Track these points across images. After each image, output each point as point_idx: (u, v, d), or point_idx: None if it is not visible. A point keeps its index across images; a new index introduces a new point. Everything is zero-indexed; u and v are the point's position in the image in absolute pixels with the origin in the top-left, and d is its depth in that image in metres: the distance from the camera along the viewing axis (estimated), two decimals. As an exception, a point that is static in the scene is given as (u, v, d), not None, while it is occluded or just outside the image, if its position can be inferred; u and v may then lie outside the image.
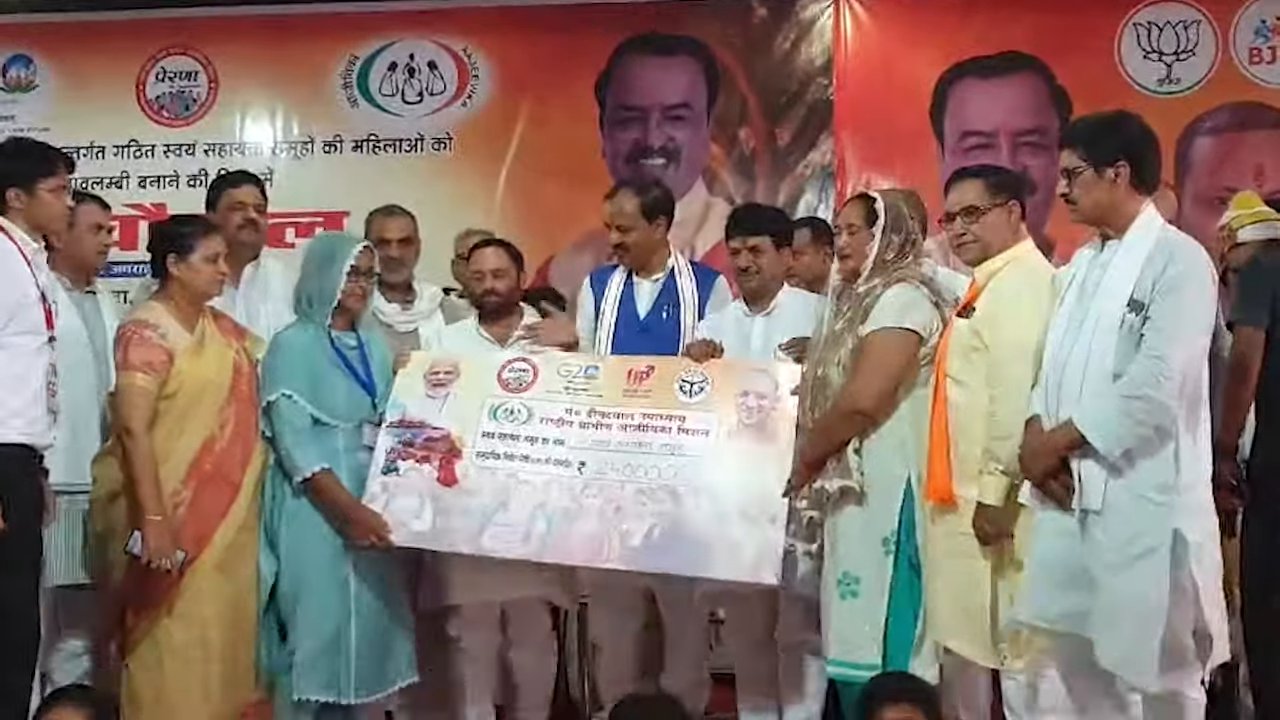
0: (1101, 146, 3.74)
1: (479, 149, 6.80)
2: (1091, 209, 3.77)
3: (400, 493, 4.41)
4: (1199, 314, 3.64)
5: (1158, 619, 3.55)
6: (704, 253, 6.57)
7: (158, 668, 4.24)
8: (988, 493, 3.89)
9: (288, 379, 4.38)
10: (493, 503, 4.38)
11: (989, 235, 4.06)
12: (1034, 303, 3.93)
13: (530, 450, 4.45)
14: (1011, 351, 3.90)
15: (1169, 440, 3.61)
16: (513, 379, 4.58)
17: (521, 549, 4.33)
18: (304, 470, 4.32)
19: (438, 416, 4.53)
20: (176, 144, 6.92)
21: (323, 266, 4.49)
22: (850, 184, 6.60)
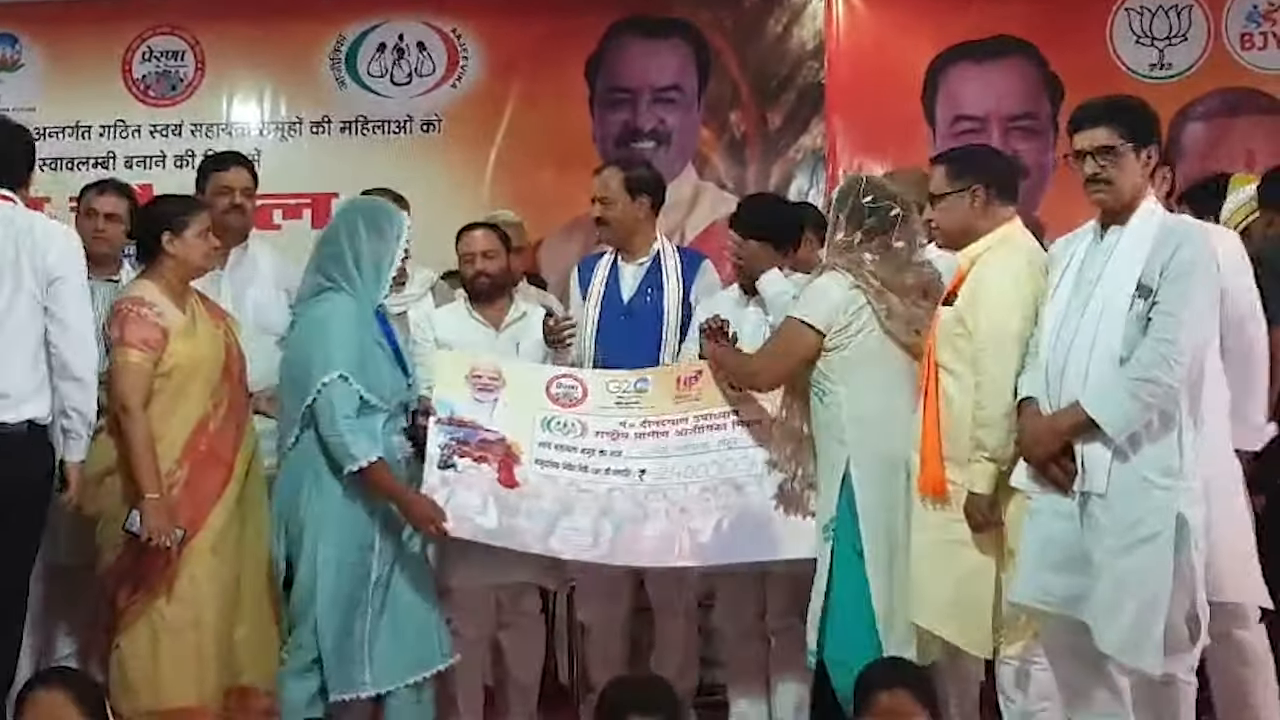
0: (1141, 129, 3.70)
1: (468, 131, 6.75)
2: (1129, 191, 3.69)
3: (461, 488, 4.32)
4: (1206, 300, 3.64)
5: (1161, 603, 3.55)
6: (694, 237, 6.55)
7: (151, 648, 4.24)
8: (977, 481, 3.90)
9: (342, 359, 4.16)
10: (556, 507, 4.34)
11: (946, 221, 4.06)
12: (1015, 286, 3.91)
13: (588, 461, 4.43)
14: (993, 338, 3.89)
15: (1173, 425, 3.61)
16: (562, 394, 4.51)
17: (592, 551, 4.34)
18: (361, 460, 4.14)
19: (489, 420, 4.43)
20: (163, 124, 6.85)
21: (373, 235, 4.29)
22: (841, 168, 6.57)
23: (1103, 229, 3.76)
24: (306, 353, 4.20)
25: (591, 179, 4.99)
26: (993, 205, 4.03)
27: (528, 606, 4.88)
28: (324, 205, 6.50)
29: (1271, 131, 6.38)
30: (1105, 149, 3.68)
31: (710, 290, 4.89)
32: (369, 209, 4.42)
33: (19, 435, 4.06)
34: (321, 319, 4.22)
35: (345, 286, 4.25)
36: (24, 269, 4.10)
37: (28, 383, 4.08)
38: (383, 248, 4.27)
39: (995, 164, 4.15)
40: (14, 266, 4.10)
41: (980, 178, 4.03)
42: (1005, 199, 4.06)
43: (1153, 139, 3.72)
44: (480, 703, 4.84)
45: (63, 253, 4.15)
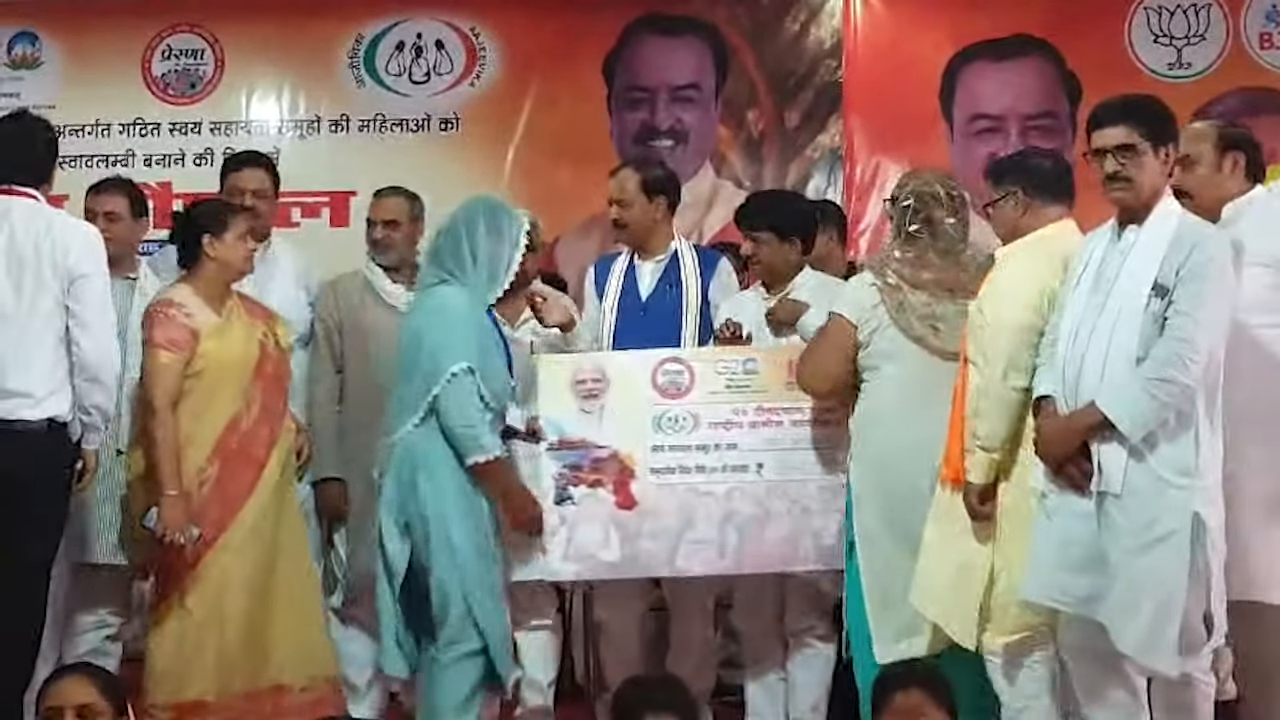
0: (1160, 127, 3.70)
1: (486, 129, 6.76)
2: (1148, 190, 3.69)
3: (581, 522, 4.31)
4: (1222, 301, 3.63)
5: (1176, 602, 3.55)
6: (711, 235, 6.55)
7: (176, 642, 4.28)
8: (971, 470, 3.93)
9: (466, 351, 4.10)
10: (678, 522, 4.32)
11: (998, 228, 4.10)
12: (1021, 281, 3.92)
13: (704, 459, 4.38)
14: (993, 330, 3.91)
15: (1189, 425, 3.60)
16: (669, 383, 4.44)
17: (719, 564, 4.35)
18: (490, 452, 4.10)
19: (599, 433, 4.39)
20: (182, 122, 6.88)
21: (492, 233, 4.25)
22: (859, 167, 6.58)
23: (1120, 228, 3.76)
24: (432, 340, 4.15)
25: (608, 178, 4.99)
26: (1035, 206, 4.02)
27: (543, 605, 4.89)
28: (342, 203, 6.52)
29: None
30: (1124, 147, 3.67)
31: (727, 289, 4.89)
32: (491, 207, 4.36)
33: (39, 432, 4.09)
34: (444, 309, 4.18)
35: (460, 281, 4.22)
36: (45, 267, 4.12)
37: (49, 381, 4.11)
38: (500, 248, 4.25)
39: (1035, 166, 4.12)
40: (35, 265, 4.12)
41: (1019, 180, 4.04)
42: (1049, 199, 4.03)
43: (1171, 138, 3.72)
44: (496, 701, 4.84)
45: (84, 251, 4.16)
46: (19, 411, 4.06)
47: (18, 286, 4.11)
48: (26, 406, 4.07)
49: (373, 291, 5.01)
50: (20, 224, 4.14)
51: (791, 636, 4.67)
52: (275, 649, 4.36)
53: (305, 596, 4.47)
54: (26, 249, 4.12)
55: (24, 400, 4.07)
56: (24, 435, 4.07)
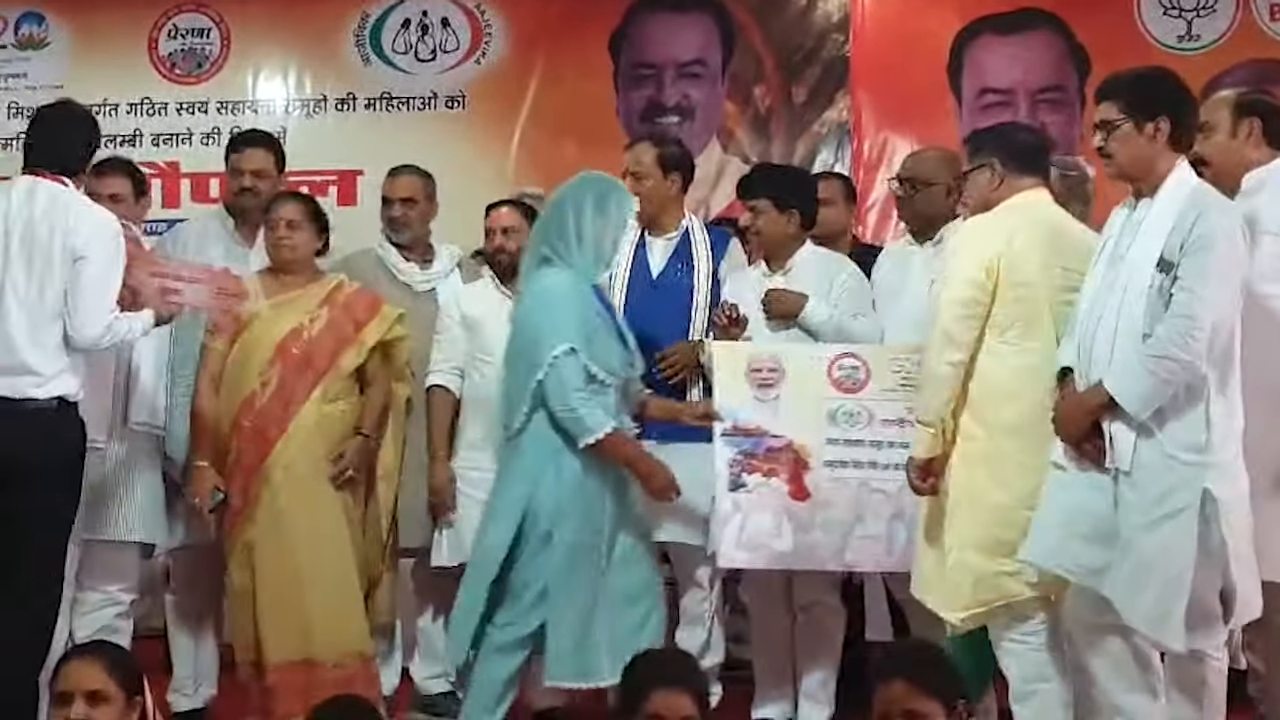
0: (1143, 100, 3.69)
1: (493, 107, 6.75)
2: (1128, 164, 3.71)
3: (755, 510, 4.31)
4: (1229, 272, 3.60)
5: (1184, 579, 3.53)
6: (718, 211, 6.53)
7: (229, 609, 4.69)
8: (914, 445, 3.94)
9: (567, 331, 4.12)
10: (849, 516, 4.32)
11: (970, 197, 4.10)
12: (964, 254, 3.92)
13: (877, 455, 4.36)
14: (938, 304, 3.92)
15: (1199, 400, 3.58)
16: (844, 377, 4.41)
17: (887, 561, 4.35)
18: (597, 431, 4.11)
19: (774, 422, 4.37)
20: (189, 102, 6.88)
21: (598, 213, 4.25)
22: (867, 142, 6.56)
23: (1136, 201, 3.76)
24: (534, 325, 4.17)
25: (618, 154, 4.99)
26: (1010, 178, 4.03)
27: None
28: (349, 182, 6.51)
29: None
30: (1103, 123, 3.72)
31: (737, 267, 4.88)
32: (599, 186, 4.33)
33: (48, 410, 4.13)
34: (544, 292, 4.19)
35: (565, 260, 4.22)
36: (55, 249, 4.16)
37: (57, 361, 4.15)
38: (605, 226, 4.25)
39: (1013, 137, 4.14)
40: (47, 246, 4.16)
41: (996, 152, 4.05)
42: (1024, 171, 4.04)
43: (1163, 109, 3.67)
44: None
45: (91, 235, 4.18)
46: (28, 390, 4.11)
47: (29, 266, 4.15)
48: (35, 385, 4.11)
49: (386, 269, 5.02)
50: (41, 206, 4.19)
51: (800, 611, 4.67)
52: (309, 624, 4.41)
53: (338, 573, 4.52)
54: (41, 230, 4.16)
55: (33, 379, 4.11)
56: (33, 414, 4.10)
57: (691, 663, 3.46)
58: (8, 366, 4.11)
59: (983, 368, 3.89)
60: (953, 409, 3.90)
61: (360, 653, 4.52)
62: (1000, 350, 3.89)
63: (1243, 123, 4.03)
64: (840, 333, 4.59)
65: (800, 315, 4.59)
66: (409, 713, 5.01)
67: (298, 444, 4.51)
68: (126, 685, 3.27)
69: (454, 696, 4.95)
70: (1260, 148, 4.03)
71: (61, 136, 4.32)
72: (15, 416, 4.09)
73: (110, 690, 3.23)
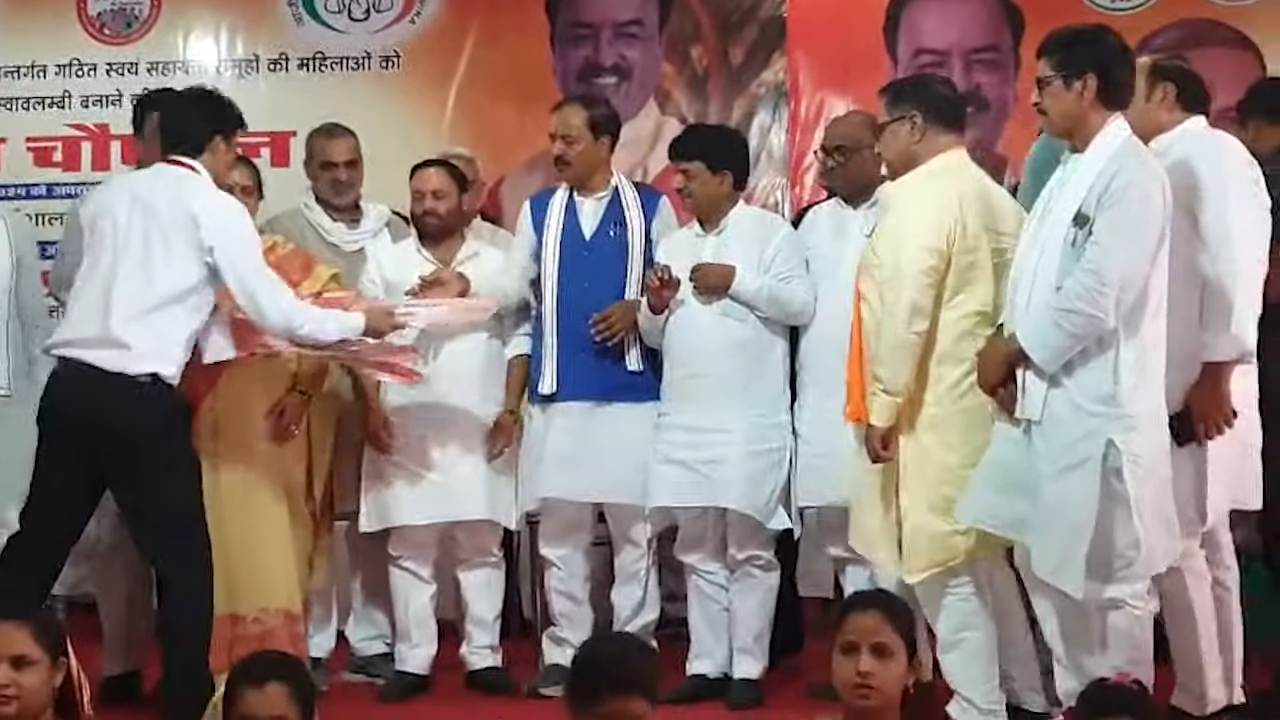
0: (1071, 58, 3.75)
1: (427, 67, 6.67)
2: (1059, 120, 3.79)
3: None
4: (1141, 227, 3.64)
5: (1085, 528, 3.61)
6: (656, 174, 6.50)
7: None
8: (874, 413, 3.97)
9: None
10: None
11: (888, 151, 4.13)
12: (918, 217, 3.96)
13: None
14: (889, 271, 3.96)
15: (1108, 352, 3.64)
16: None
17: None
18: None
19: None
20: (119, 63, 6.76)
21: None
22: (804, 103, 6.55)
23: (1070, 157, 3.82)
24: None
25: (550, 116, 4.96)
26: (930, 133, 4.07)
27: (485, 544, 4.92)
28: (282, 143, 6.43)
29: (1234, 65, 6.34)
30: (1038, 80, 3.80)
31: (667, 224, 4.88)
32: None
33: (139, 385, 4.14)
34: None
35: None
36: (178, 235, 4.17)
37: (158, 340, 4.16)
38: None
39: (933, 91, 4.19)
40: (170, 232, 4.18)
41: (917, 105, 4.08)
42: (944, 127, 4.09)
43: (1091, 66, 3.72)
44: (434, 638, 4.88)
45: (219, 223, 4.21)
46: (122, 364, 4.12)
47: (147, 244, 4.17)
48: (129, 360, 4.13)
49: (314, 230, 5.01)
50: (166, 192, 4.22)
51: (734, 567, 4.70)
52: (233, 579, 4.38)
53: (265, 529, 4.50)
54: (165, 211, 4.19)
55: (124, 353, 4.12)
56: (129, 388, 4.12)
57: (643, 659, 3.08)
58: (108, 340, 4.13)
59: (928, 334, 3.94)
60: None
61: (285, 610, 4.50)
62: (945, 316, 3.95)
63: (1157, 87, 4.08)
64: (773, 301, 4.60)
65: (731, 288, 4.59)
66: (344, 674, 5.02)
67: (226, 401, 4.47)
68: (51, 649, 3.23)
69: (389, 658, 4.96)
70: (1173, 111, 4.08)
71: (181, 121, 4.35)
72: (110, 389, 4.12)
73: (35, 654, 3.19)
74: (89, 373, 4.13)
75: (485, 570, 4.92)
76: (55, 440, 4.18)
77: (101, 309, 4.16)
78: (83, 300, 4.22)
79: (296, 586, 4.57)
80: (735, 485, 4.58)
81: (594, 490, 4.75)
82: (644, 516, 4.74)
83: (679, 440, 4.63)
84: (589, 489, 4.75)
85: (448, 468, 4.76)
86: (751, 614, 4.66)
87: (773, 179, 6.54)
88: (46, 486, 4.19)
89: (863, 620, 3.04)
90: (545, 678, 4.72)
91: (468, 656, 4.90)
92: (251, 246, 4.28)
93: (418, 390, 4.72)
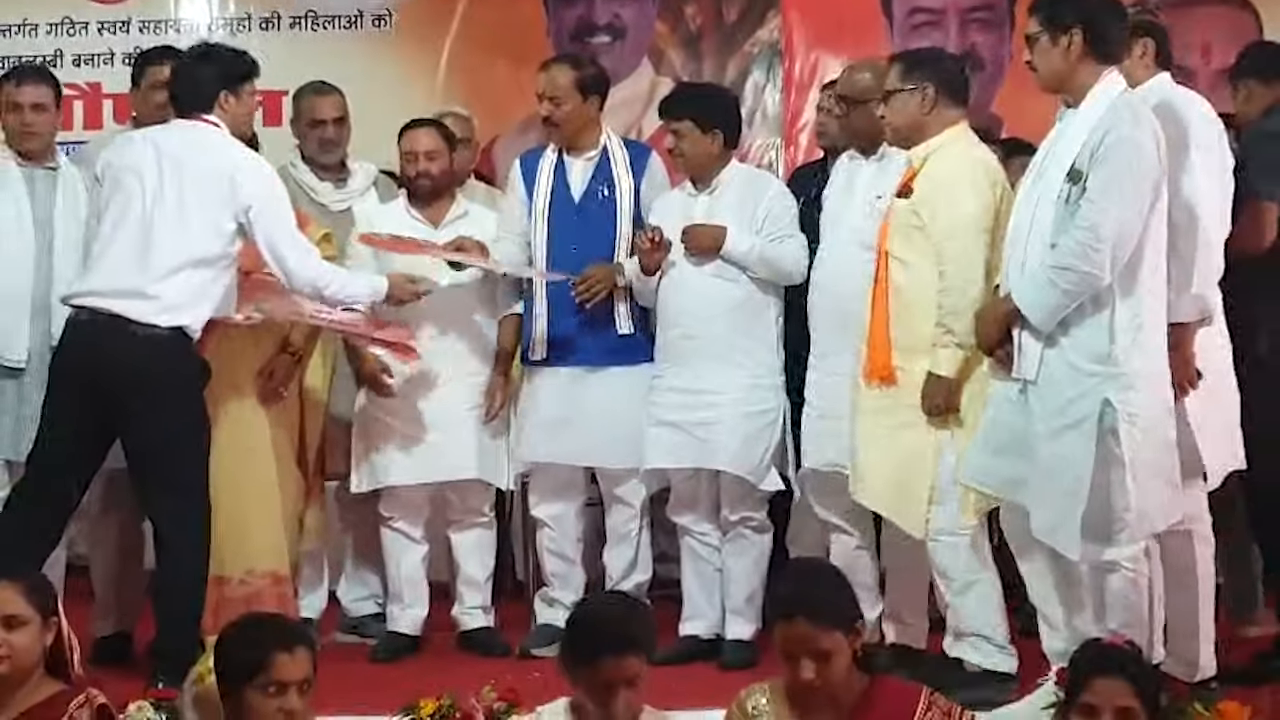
0: (1057, 14, 3.76)
1: (420, 26, 6.62)
2: (1048, 77, 3.80)
3: None
4: (1135, 182, 3.63)
5: (1082, 488, 3.61)
6: (650, 133, 6.47)
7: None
8: (941, 365, 3.98)
9: None
10: None
11: (897, 118, 4.14)
12: (971, 182, 4.04)
13: None
14: (952, 229, 4.00)
15: (1104, 311, 3.64)
16: None
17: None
18: None
19: None
20: (111, 21, 6.72)
21: None
22: (798, 62, 6.51)
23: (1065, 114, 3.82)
24: None
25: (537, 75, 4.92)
26: (941, 106, 4.12)
27: (476, 504, 4.91)
28: (275, 102, 6.36)
29: (1232, 24, 6.32)
30: (1027, 37, 3.81)
31: (659, 187, 4.85)
32: None
33: (166, 337, 4.17)
34: None
35: None
36: (207, 187, 4.21)
37: (182, 293, 4.19)
38: None
39: (947, 66, 4.25)
40: (196, 182, 4.22)
41: (931, 77, 4.11)
42: (954, 101, 4.16)
43: (1077, 21, 3.72)
44: (425, 599, 4.89)
45: (253, 180, 4.26)
46: (150, 316, 4.16)
47: (181, 200, 4.20)
48: (157, 312, 4.16)
49: (299, 189, 4.99)
50: (196, 151, 4.26)
51: (727, 528, 4.70)
52: (219, 540, 4.38)
53: (254, 489, 4.51)
54: (199, 174, 4.23)
55: (152, 303, 4.16)
56: (154, 339, 4.16)
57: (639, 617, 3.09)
58: (138, 291, 4.15)
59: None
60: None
61: (272, 571, 4.51)
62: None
63: (1138, 43, 4.06)
64: (764, 261, 4.58)
65: (722, 249, 4.57)
66: (336, 634, 5.03)
67: (218, 361, 4.45)
68: (41, 608, 3.24)
69: (380, 618, 4.97)
70: (1150, 68, 4.07)
71: (196, 79, 4.37)
72: (136, 339, 4.15)
73: (26, 613, 3.20)
74: (116, 322, 4.15)
75: (477, 531, 4.92)
76: (69, 390, 4.21)
77: (138, 262, 4.18)
78: (114, 253, 4.23)
79: (284, 548, 4.57)
80: (728, 447, 4.57)
81: (584, 454, 4.75)
82: (636, 477, 4.74)
83: (672, 402, 4.62)
84: (579, 452, 4.75)
85: (439, 428, 4.75)
86: (744, 575, 4.67)
87: (767, 138, 6.51)
88: (56, 438, 4.22)
89: (792, 630, 2.95)
90: (537, 638, 4.72)
91: (459, 617, 4.91)
92: (285, 207, 4.33)
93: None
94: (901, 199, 4.12)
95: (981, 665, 4.09)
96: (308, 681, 2.99)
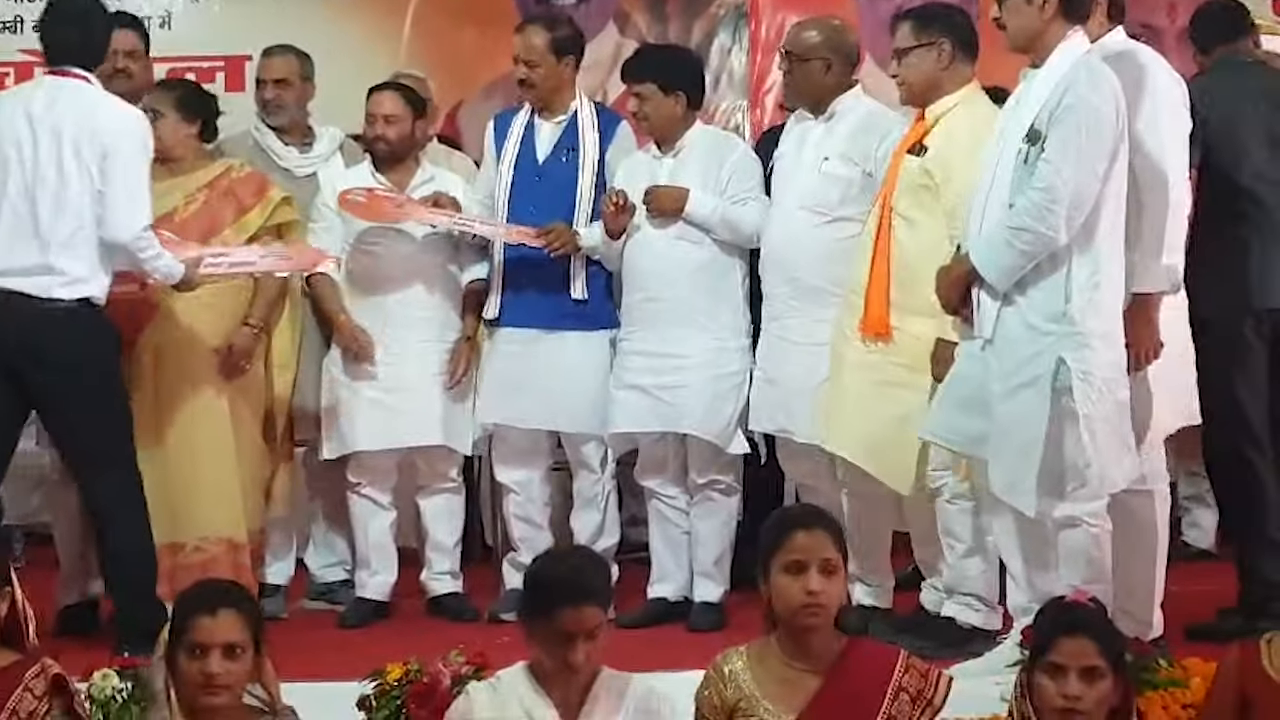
0: None
1: (384, -11, 6.60)
2: (1017, 34, 3.76)
3: None
4: (1092, 143, 3.62)
5: (1036, 446, 3.63)
6: (615, 97, 6.44)
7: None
8: (950, 329, 3.94)
9: None
10: None
11: (914, 75, 4.09)
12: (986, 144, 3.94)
13: None
14: (968, 190, 3.91)
15: (1060, 270, 3.64)
16: None
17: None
18: None
19: None
20: (69, -14, 6.64)
21: None
22: (764, 24, 6.49)
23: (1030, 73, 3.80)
24: None
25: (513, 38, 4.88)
26: (957, 62, 4.08)
27: (444, 470, 4.91)
28: (237, 68, 6.35)
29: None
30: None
31: (626, 154, 4.82)
32: None
33: (74, 311, 4.11)
34: None
35: None
36: (85, 148, 4.11)
37: (86, 263, 4.12)
38: None
39: (959, 20, 4.18)
40: (77, 146, 4.12)
41: (947, 33, 4.07)
42: (967, 58, 4.11)
43: None
44: (394, 564, 4.89)
45: (120, 132, 4.16)
46: (54, 290, 4.08)
47: (61, 168, 4.12)
48: (61, 285, 4.09)
49: (263, 154, 4.95)
50: (69, 106, 4.14)
51: (694, 491, 4.71)
52: (174, 507, 4.38)
53: (210, 457, 4.49)
54: (71, 130, 4.12)
55: (61, 279, 4.09)
56: (59, 313, 4.09)
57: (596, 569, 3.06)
58: (38, 266, 4.07)
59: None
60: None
61: (228, 539, 4.49)
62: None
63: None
64: (725, 223, 4.57)
65: (684, 211, 4.55)
66: (304, 601, 5.02)
67: (169, 327, 4.44)
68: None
69: (349, 584, 4.97)
70: (1103, 24, 4.01)
71: (81, 29, 4.26)
72: (42, 315, 4.07)
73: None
74: (20, 300, 4.08)
75: (444, 496, 4.92)
76: None
77: (30, 237, 4.09)
78: (2, 229, 4.12)
79: (240, 515, 4.54)
80: (694, 410, 4.57)
81: (542, 417, 4.75)
82: (601, 441, 4.73)
83: (638, 365, 4.62)
84: (536, 416, 4.75)
85: (405, 393, 4.74)
86: (712, 538, 4.68)
87: (733, 100, 6.51)
88: None
89: (810, 539, 2.93)
90: (506, 602, 4.72)
91: (428, 583, 4.91)
92: (142, 162, 4.19)
93: (374, 317, 4.72)
94: (913, 155, 4.08)
95: (972, 624, 4.10)
96: (236, 646, 2.90)
